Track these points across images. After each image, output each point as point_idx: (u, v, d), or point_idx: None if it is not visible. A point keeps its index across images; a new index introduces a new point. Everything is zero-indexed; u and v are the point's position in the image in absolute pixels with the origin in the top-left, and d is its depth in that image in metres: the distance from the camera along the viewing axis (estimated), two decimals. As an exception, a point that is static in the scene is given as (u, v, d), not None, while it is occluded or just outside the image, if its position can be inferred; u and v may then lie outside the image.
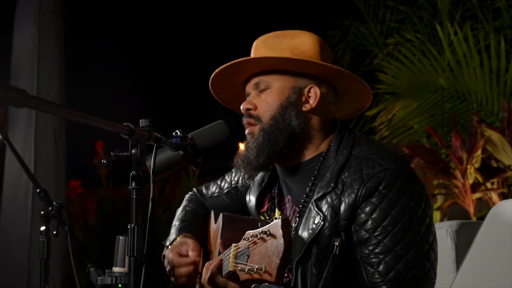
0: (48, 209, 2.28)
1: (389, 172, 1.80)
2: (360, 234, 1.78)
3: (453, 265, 2.61)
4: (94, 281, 2.00)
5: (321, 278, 1.79)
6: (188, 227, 2.21)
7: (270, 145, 1.90)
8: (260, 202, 2.08)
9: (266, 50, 1.95)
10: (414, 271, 1.75)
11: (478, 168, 3.54)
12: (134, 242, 1.46)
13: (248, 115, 1.95)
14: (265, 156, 1.91)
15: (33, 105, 1.04)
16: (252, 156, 1.92)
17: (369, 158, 1.84)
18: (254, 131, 1.94)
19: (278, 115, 1.91)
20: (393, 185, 1.79)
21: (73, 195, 5.87)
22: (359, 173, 1.81)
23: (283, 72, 1.94)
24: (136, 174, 1.48)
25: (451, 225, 2.67)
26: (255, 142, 1.92)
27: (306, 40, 1.95)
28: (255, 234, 1.43)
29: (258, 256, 1.41)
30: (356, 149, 1.89)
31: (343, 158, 1.86)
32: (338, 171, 1.85)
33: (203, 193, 2.35)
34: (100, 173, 6.10)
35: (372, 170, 1.81)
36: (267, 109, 1.92)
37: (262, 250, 1.40)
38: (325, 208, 1.82)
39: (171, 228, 2.27)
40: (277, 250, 1.36)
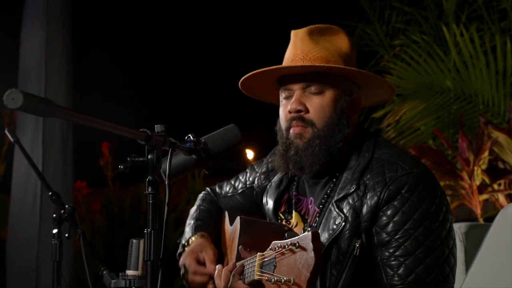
0: (60, 212, 2.29)
1: (412, 176, 1.81)
2: (381, 237, 1.79)
3: (462, 267, 2.61)
4: (107, 284, 2.01)
5: (340, 279, 1.79)
6: (203, 225, 2.21)
7: (327, 155, 1.88)
8: (277, 204, 2.08)
9: (313, 45, 1.90)
10: (434, 275, 1.76)
11: (485, 170, 3.55)
12: (151, 247, 1.47)
13: (300, 118, 1.89)
14: (321, 165, 1.89)
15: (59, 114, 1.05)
16: (307, 164, 1.89)
17: (392, 162, 1.85)
18: (304, 134, 1.89)
19: (333, 123, 1.88)
20: (415, 189, 1.80)
21: (79, 195, 5.88)
22: (382, 176, 1.82)
23: (334, 76, 1.90)
24: (153, 179, 1.50)
25: (460, 227, 2.67)
26: (310, 149, 1.88)
27: (344, 39, 1.94)
28: (283, 245, 1.42)
29: (286, 268, 1.40)
30: (377, 152, 1.89)
31: (365, 161, 1.87)
32: (360, 173, 1.85)
33: (216, 192, 2.35)
34: (106, 174, 6.12)
35: (395, 173, 1.82)
36: (322, 115, 1.88)
37: (290, 261, 1.39)
38: (347, 209, 1.82)
39: (185, 227, 2.28)
40: (307, 263, 1.35)
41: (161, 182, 1.57)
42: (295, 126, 1.90)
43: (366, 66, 5.17)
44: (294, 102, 1.89)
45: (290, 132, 1.91)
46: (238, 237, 1.93)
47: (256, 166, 2.27)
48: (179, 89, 7.36)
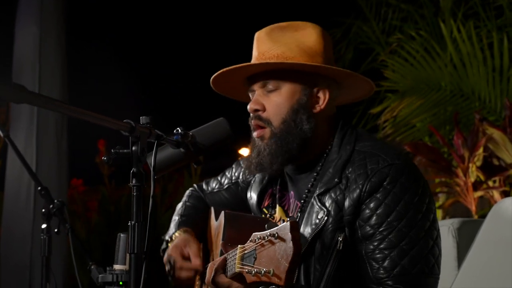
0: (49, 207, 2.28)
1: (394, 167, 1.80)
2: (364, 230, 1.78)
3: (455, 263, 2.60)
4: (95, 279, 2.00)
5: (324, 273, 1.78)
6: (187, 221, 2.20)
7: (284, 152, 1.87)
8: (261, 199, 2.07)
9: (271, 44, 1.89)
10: (419, 266, 1.75)
11: (480, 166, 3.54)
12: (135, 239, 1.46)
13: (257, 117, 1.90)
14: (279, 164, 1.89)
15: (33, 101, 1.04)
16: (266, 164, 1.89)
17: (373, 154, 1.83)
18: (264, 135, 1.90)
19: (290, 119, 1.87)
20: (397, 181, 1.78)
21: (75, 193, 5.88)
22: (363, 169, 1.81)
23: (292, 72, 1.89)
24: (137, 171, 1.48)
25: (453, 223, 2.66)
26: (267, 148, 1.88)
27: (311, 34, 1.90)
28: (263, 236, 1.41)
29: (265, 259, 1.39)
30: (359, 144, 1.88)
31: (347, 154, 1.86)
32: (341, 167, 1.84)
33: (203, 188, 2.34)
34: (102, 172, 6.11)
35: (376, 165, 1.80)
36: (278, 112, 1.88)
37: (270, 252, 1.38)
38: (329, 203, 1.81)
39: (171, 223, 2.27)
40: (286, 253, 1.34)
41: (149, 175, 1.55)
42: (254, 126, 1.92)
43: (363, 64, 5.16)
44: (252, 102, 1.91)
45: (254, 135, 1.93)
46: (223, 232, 1.92)
47: (242, 161, 2.27)
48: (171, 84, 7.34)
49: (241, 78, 1.98)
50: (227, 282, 1.60)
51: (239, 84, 2.00)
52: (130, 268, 1.47)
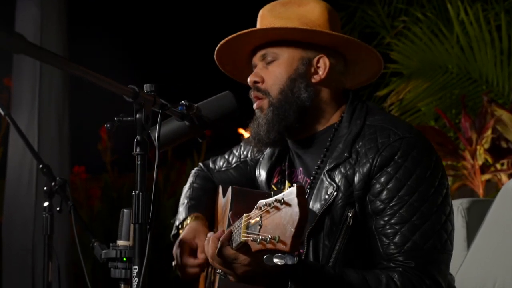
0: (51, 184, 2.24)
1: (405, 141, 1.75)
2: (375, 205, 1.74)
3: (464, 243, 2.57)
4: (98, 256, 1.96)
5: (333, 249, 1.74)
6: (196, 205, 2.16)
7: (280, 120, 1.84)
8: (270, 176, 2.03)
9: (273, 19, 1.88)
10: (431, 242, 1.70)
11: (487, 149, 3.49)
12: (139, 210, 1.41)
13: (256, 88, 1.89)
14: (275, 132, 1.85)
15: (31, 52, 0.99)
16: (263, 133, 1.86)
17: (384, 128, 1.78)
18: (263, 106, 1.88)
19: (287, 88, 1.85)
20: (409, 155, 1.73)
21: (78, 180, 5.83)
22: (373, 143, 1.76)
23: (291, 42, 1.87)
24: (141, 140, 1.43)
25: (462, 203, 2.62)
26: (264, 118, 1.86)
27: (314, 8, 1.88)
28: (268, 203, 1.35)
29: (271, 226, 1.33)
30: (369, 119, 1.83)
31: (357, 128, 1.81)
32: (351, 141, 1.80)
33: (210, 167, 2.30)
34: (105, 159, 6.06)
35: (387, 139, 1.75)
36: (275, 82, 1.86)
37: (275, 219, 1.32)
38: (338, 178, 1.77)
39: (179, 207, 2.22)
40: (292, 219, 1.27)
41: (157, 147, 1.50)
42: (255, 100, 1.90)
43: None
44: (251, 75, 1.90)
45: (254, 107, 1.91)
46: (230, 206, 1.87)
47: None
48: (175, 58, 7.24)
49: (244, 55, 1.96)
50: (233, 254, 1.55)
51: (244, 63, 1.98)
52: (134, 239, 1.43)
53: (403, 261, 1.70)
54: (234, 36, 1.89)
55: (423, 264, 1.69)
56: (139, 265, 1.40)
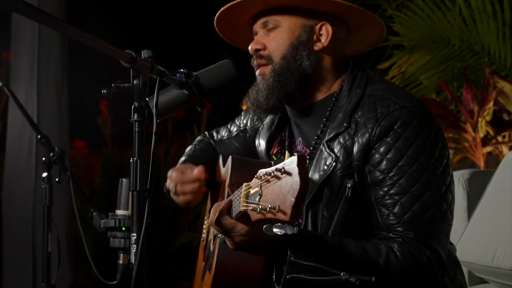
0: (49, 155, 2.23)
1: (405, 110, 1.73)
2: (374, 175, 1.72)
3: (465, 214, 2.56)
4: (97, 225, 1.96)
5: (332, 220, 1.73)
6: (192, 160, 2.18)
7: (280, 87, 1.83)
8: (269, 146, 2.01)
9: None
10: (431, 212, 1.69)
11: (489, 121, 3.46)
12: (137, 177, 1.40)
13: (258, 56, 1.87)
14: (275, 99, 1.84)
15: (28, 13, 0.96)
16: (262, 98, 1.85)
17: (383, 97, 1.76)
18: (265, 72, 1.86)
19: (289, 55, 1.83)
20: (409, 124, 1.71)
21: (78, 155, 5.82)
22: (373, 112, 1.74)
23: (293, 10, 1.85)
24: (139, 106, 1.41)
25: (463, 174, 2.61)
26: (265, 84, 1.85)
27: None
28: (269, 172, 1.33)
29: (271, 195, 1.31)
30: (369, 88, 1.81)
31: (356, 98, 1.79)
32: (351, 111, 1.78)
33: (213, 136, 2.33)
34: (105, 133, 6.04)
35: (387, 108, 1.73)
36: (277, 48, 1.84)
37: (275, 188, 1.30)
38: (337, 149, 1.75)
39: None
40: (292, 188, 1.25)
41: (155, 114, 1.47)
42: (256, 66, 1.88)
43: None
44: (252, 43, 1.88)
45: (256, 74, 1.89)
46: (229, 176, 1.86)
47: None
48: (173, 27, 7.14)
49: (244, 22, 1.93)
50: (231, 223, 1.53)
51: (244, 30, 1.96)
52: (132, 207, 1.42)
53: (402, 232, 1.69)
54: (235, 2, 1.87)
55: (423, 234, 1.68)
56: (138, 233, 1.39)
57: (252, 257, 1.75)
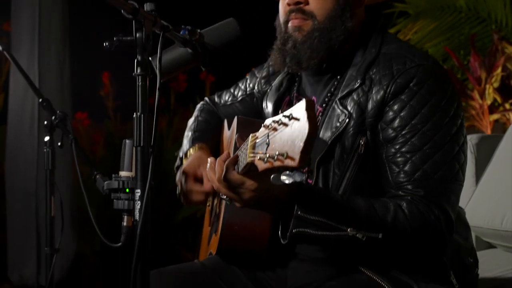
0: (51, 118, 2.20)
1: (422, 68, 1.69)
2: (387, 133, 1.69)
3: (473, 179, 2.53)
4: (100, 188, 1.93)
5: (344, 178, 1.71)
6: (201, 137, 2.12)
7: (326, 49, 1.76)
8: (278, 108, 1.97)
9: None
10: (442, 172, 1.66)
11: (496, 88, 3.42)
12: (141, 132, 1.36)
13: (298, 10, 1.78)
14: (318, 60, 1.78)
15: None
16: (304, 58, 1.78)
17: (400, 54, 1.73)
18: (303, 26, 1.78)
19: (336, 15, 1.76)
20: (425, 82, 1.68)
21: (80, 127, 5.78)
22: (388, 69, 1.71)
23: None
24: (141, 60, 1.38)
25: (471, 139, 2.57)
26: (308, 42, 1.77)
27: None
28: (276, 120, 1.27)
29: (279, 143, 1.25)
30: (385, 47, 1.77)
31: (371, 56, 1.76)
32: (365, 68, 1.74)
33: (215, 102, 2.25)
34: (107, 105, 6.00)
35: (403, 66, 1.70)
36: (323, 6, 1.76)
37: (283, 136, 1.24)
38: (351, 106, 1.72)
39: (183, 140, 2.19)
40: (301, 133, 1.19)
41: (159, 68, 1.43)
42: (294, 19, 1.79)
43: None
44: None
45: (289, 25, 1.80)
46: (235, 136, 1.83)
47: (256, 71, 2.17)
48: None
49: None
50: (239, 179, 1.50)
51: None
52: (136, 163, 1.39)
53: (412, 190, 1.66)
54: None
55: (433, 193, 1.66)
56: (142, 188, 1.36)
57: (259, 217, 1.73)
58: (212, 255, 1.93)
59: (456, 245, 1.78)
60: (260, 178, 1.46)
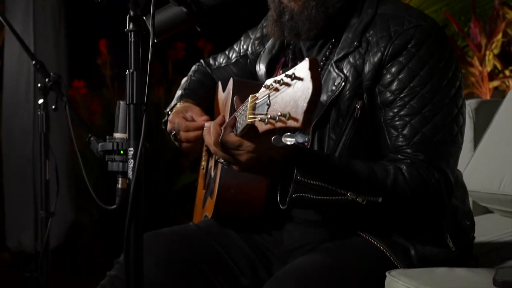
0: (45, 81, 2.17)
1: (420, 29, 1.66)
2: (384, 96, 1.66)
3: (471, 144, 2.52)
4: (95, 150, 1.92)
5: (339, 142, 1.68)
6: (190, 94, 2.09)
7: (324, 18, 1.72)
8: (271, 70, 1.94)
9: None
10: (441, 134, 1.64)
11: (497, 55, 3.38)
12: (134, 89, 1.34)
13: None
14: (318, 30, 1.74)
15: None
16: (303, 30, 1.74)
17: (397, 15, 1.69)
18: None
19: None
20: (423, 43, 1.65)
21: (77, 95, 5.74)
22: (386, 31, 1.67)
23: None
24: (134, 15, 1.34)
25: (470, 104, 2.55)
26: (305, 13, 1.73)
27: None
28: (278, 80, 1.23)
29: (280, 104, 1.21)
30: (382, 7, 1.73)
31: (368, 18, 1.72)
32: (362, 30, 1.70)
33: (210, 64, 2.22)
34: (105, 73, 5.95)
35: (400, 27, 1.66)
36: None
37: (285, 96, 1.20)
38: (347, 69, 1.69)
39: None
40: (304, 93, 1.15)
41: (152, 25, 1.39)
42: None
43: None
44: None
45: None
46: (231, 98, 1.80)
47: (250, 32, 2.14)
48: None
49: None
50: (237, 141, 1.47)
51: None
52: (129, 121, 1.37)
53: (411, 153, 1.65)
54: None
55: (432, 156, 1.64)
56: (135, 147, 1.34)
57: (255, 180, 1.72)
58: (207, 218, 1.92)
59: (454, 208, 1.77)
60: (259, 140, 1.43)
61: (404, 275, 1.51)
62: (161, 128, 2.14)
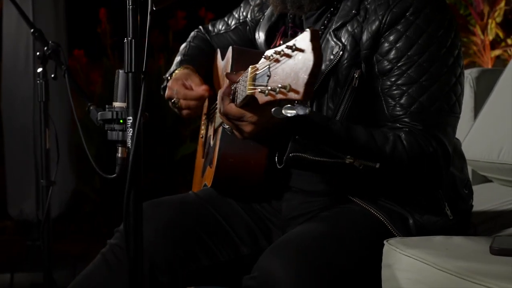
0: (44, 49, 2.16)
1: None
2: (382, 65, 1.65)
3: (471, 113, 2.51)
4: (94, 119, 1.91)
5: (337, 112, 1.68)
6: (189, 60, 2.09)
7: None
8: (270, 38, 1.93)
9: None
10: (438, 103, 1.63)
11: (499, 23, 3.35)
12: (132, 57, 1.33)
13: None
14: (321, 2, 1.73)
15: None
16: (306, 2, 1.73)
17: None
18: None
19: None
20: (421, 11, 1.63)
21: (77, 65, 5.72)
22: None
23: None
24: (131, -19, 1.33)
25: (471, 73, 2.53)
26: None
27: None
28: (278, 51, 1.22)
29: (281, 75, 1.20)
30: None
31: None
32: None
33: (209, 30, 2.21)
34: (105, 43, 5.92)
35: None
36: None
37: (286, 68, 1.19)
38: (345, 37, 1.68)
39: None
40: (305, 65, 1.14)
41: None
42: None
43: None
44: None
45: None
46: (230, 67, 1.79)
47: None
48: None
49: None
50: (238, 112, 1.47)
51: None
52: (127, 90, 1.36)
53: (409, 123, 1.64)
54: None
55: (430, 125, 1.64)
56: (133, 116, 1.34)
57: (255, 149, 1.72)
58: (206, 186, 1.93)
59: (452, 177, 1.77)
60: (260, 111, 1.43)
61: (402, 243, 1.52)
62: (162, 97, 2.14)
